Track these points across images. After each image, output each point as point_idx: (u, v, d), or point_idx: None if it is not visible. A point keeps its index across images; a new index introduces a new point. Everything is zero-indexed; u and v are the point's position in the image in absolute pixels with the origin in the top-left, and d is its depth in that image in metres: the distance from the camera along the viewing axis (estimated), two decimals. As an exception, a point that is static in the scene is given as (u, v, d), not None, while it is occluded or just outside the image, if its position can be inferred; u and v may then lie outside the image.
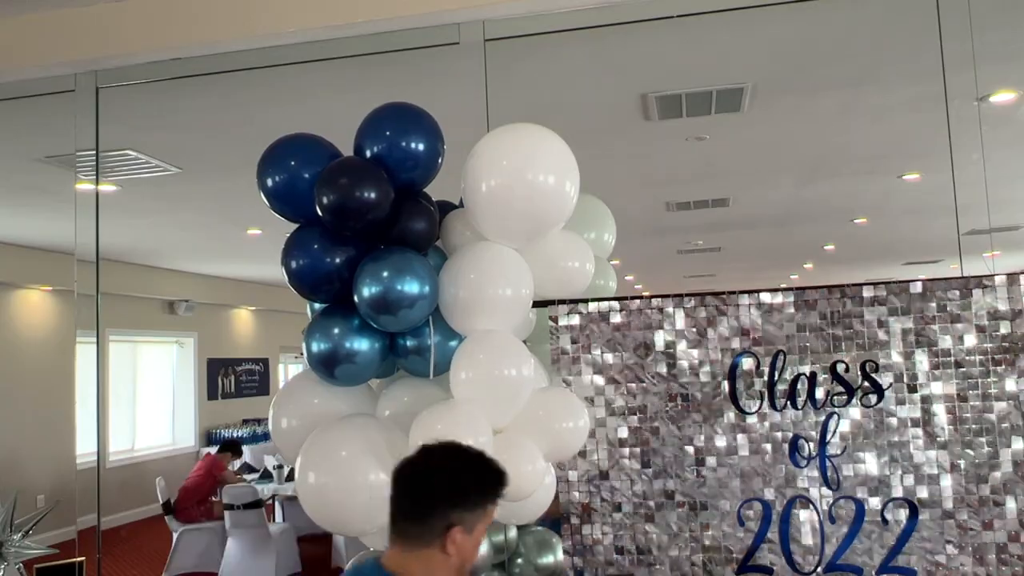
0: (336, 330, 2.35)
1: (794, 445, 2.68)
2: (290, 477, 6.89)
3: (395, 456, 2.26)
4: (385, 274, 2.25)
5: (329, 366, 2.35)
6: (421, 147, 2.43)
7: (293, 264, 2.36)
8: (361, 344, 2.36)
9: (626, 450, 2.76)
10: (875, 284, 2.70)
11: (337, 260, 2.35)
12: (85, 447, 5.86)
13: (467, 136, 2.55)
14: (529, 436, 2.39)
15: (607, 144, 5.23)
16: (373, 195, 2.28)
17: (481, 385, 2.32)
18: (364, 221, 2.30)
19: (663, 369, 2.76)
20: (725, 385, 2.72)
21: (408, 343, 2.45)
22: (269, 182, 2.40)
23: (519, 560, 2.96)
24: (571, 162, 2.44)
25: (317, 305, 2.57)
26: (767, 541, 2.67)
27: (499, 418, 2.35)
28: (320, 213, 2.31)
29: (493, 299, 2.38)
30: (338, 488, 2.25)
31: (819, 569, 2.64)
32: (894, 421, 2.64)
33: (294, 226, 2.48)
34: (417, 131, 2.44)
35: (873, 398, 2.65)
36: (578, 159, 2.47)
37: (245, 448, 8.28)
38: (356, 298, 2.30)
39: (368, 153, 2.42)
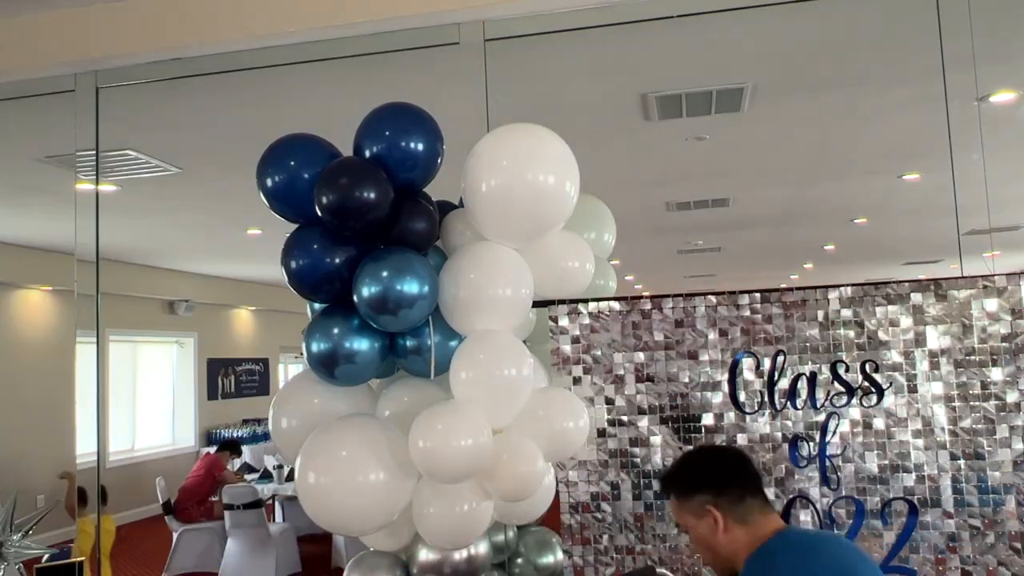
0: (336, 330, 2.35)
1: (794, 445, 2.68)
2: (290, 477, 6.89)
3: (395, 456, 2.27)
4: (385, 274, 2.25)
5: (329, 366, 2.35)
6: (420, 147, 2.43)
7: (293, 264, 2.36)
8: (361, 344, 2.36)
9: (626, 450, 2.76)
10: (875, 284, 2.71)
11: (337, 260, 2.35)
12: (85, 447, 5.85)
13: (467, 136, 2.55)
14: (529, 436, 2.39)
15: (607, 144, 5.22)
16: (373, 195, 2.28)
17: (481, 385, 2.31)
18: (364, 221, 2.30)
19: (663, 369, 2.76)
20: (725, 385, 2.72)
21: (408, 343, 2.45)
22: (269, 182, 2.40)
23: (519, 560, 2.96)
24: (571, 162, 2.44)
25: (317, 305, 2.57)
26: (767, 541, 2.66)
27: (499, 418, 2.35)
28: (320, 213, 2.31)
29: (493, 299, 2.38)
30: (338, 488, 2.25)
31: (819, 569, 2.64)
32: (894, 421, 2.64)
33: (294, 226, 2.48)
34: (417, 131, 2.44)
35: (873, 398, 2.65)
36: (578, 159, 2.47)
37: (245, 448, 8.28)
38: (356, 298, 2.30)
39: (368, 153, 2.42)
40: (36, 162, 4.98)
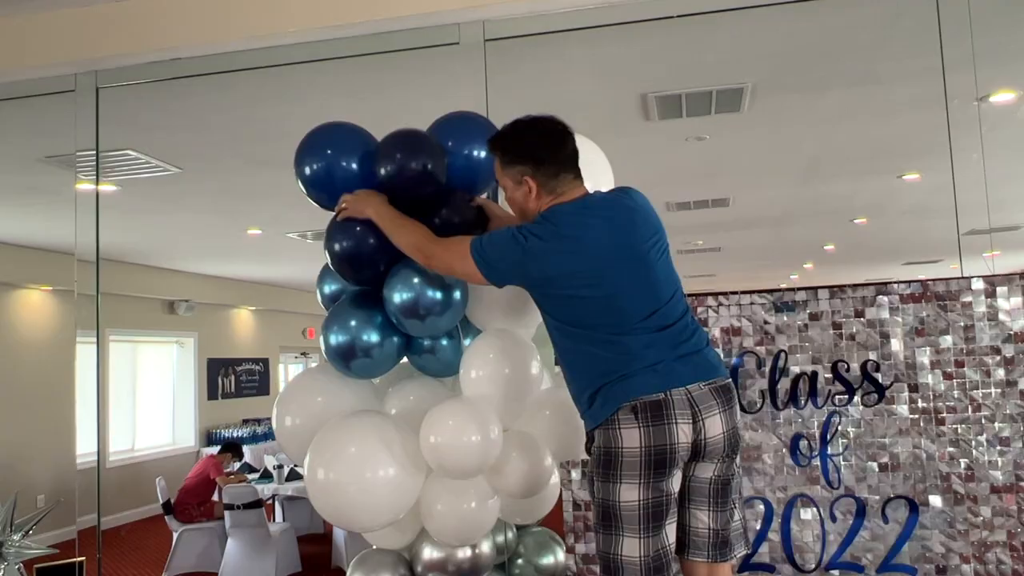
0: (354, 323, 2.35)
1: (795, 444, 2.68)
2: (290, 477, 6.88)
3: (405, 452, 2.28)
4: (416, 280, 2.26)
5: (346, 358, 2.36)
6: (483, 155, 2.42)
7: (337, 246, 2.33)
8: (380, 338, 2.36)
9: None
10: (875, 284, 2.71)
11: (382, 240, 2.32)
12: (85, 447, 5.84)
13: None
14: (536, 435, 2.41)
15: (607, 144, 5.21)
16: (431, 165, 2.29)
17: (491, 383, 2.33)
18: (422, 192, 2.28)
19: (663, 369, 2.75)
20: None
21: (425, 342, 2.45)
22: (307, 170, 2.38)
23: (519, 561, 2.95)
24: (605, 165, 2.46)
25: (327, 289, 2.57)
26: (768, 539, 2.67)
27: (508, 416, 2.36)
28: (382, 171, 2.29)
29: (511, 297, 2.37)
30: (347, 484, 2.26)
31: (820, 567, 2.64)
32: (895, 420, 2.64)
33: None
34: (483, 140, 2.44)
35: (874, 397, 2.65)
36: (578, 159, 2.47)
37: (245, 448, 8.26)
38: (386, 301, 2.31)
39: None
40: (36, 162, 4.97)
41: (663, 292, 2.02)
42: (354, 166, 2.36)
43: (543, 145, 2.10)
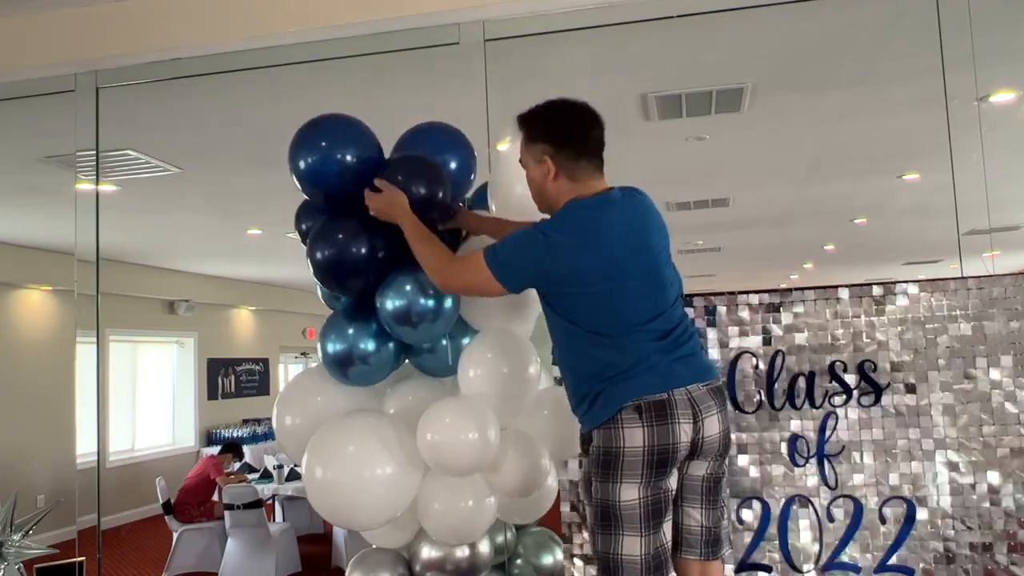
0: (351, 330, 2.35)
1: (792, 444, 2.68)
2: (290, 477, 6.89)
3: (403, 451, 2.28)
4: (408, 288, 2.25)
5: (343, 366, 2.36)
6: (454, 165, 2.44)
7: (319, 255, 2.30)
8: (377, 345, 2.36)
9: (626, 450, 2.76)
10: (874, 284, 2.71)
11: (367, 251, 2.30)
12: (85, 447, 5.85)
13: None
14: (533, 434, 2.41)
15: (607, 144, 5.22)
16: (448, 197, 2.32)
17: (489, 382, 2.34)
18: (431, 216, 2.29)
19: (663, 369, 2.75)
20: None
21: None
22: (301, 164, 2.31)
23: (518, 561, 2.96)
24: None
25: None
26: (766, 540, 2.67)
27: (506, 416, 2.37)
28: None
29: (513, 295, 2.37)
30: (345, 482, 2.26)
31: (817, 567, 2.64)
32: (892, 420, 2.64)
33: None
34: (453, 150, 2.44)
35: (871, 398, 2.65)
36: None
37: (245, 448, 8.27)
38: (378, 309, 2.30)
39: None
40: (36, 162, 4.98)
41: (669, 296, 2.05)
42: (350, 159, 2.31)
43: (568, 127, 2.11)
